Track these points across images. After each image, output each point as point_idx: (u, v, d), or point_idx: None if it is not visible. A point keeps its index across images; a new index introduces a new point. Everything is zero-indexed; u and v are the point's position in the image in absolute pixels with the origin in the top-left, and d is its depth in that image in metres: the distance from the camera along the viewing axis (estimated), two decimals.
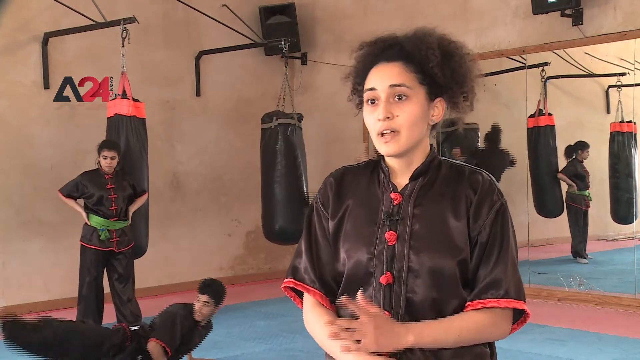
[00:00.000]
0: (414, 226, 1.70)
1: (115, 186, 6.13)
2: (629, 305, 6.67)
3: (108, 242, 6.10)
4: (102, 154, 6.09)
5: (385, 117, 1.69)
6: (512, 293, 1.67)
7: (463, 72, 1.75)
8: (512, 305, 1.67)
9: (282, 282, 1.86)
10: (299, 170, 7.23)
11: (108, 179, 6.13)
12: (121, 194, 6.16)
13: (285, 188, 7.16)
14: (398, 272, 1.68)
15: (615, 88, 7.49)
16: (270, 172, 7.22)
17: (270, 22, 8.51)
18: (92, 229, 6.11)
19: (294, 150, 7.20)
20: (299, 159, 7.24)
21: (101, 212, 6.11)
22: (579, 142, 7.85)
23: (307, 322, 1.80)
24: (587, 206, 7.92)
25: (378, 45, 1.77)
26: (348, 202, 1.79)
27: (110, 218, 6.11)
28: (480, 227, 1.70)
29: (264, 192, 7.36)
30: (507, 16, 7.49)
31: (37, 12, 7.27)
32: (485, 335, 1.69)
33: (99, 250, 6.10)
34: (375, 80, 1.73)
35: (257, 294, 7.90)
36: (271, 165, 7.21)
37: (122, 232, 6.18)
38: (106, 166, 6.09)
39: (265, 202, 7.33)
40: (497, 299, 1.66)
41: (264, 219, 7.37)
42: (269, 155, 7.23)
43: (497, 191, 1.73)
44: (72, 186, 6.18)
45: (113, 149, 6.09)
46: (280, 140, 7.15)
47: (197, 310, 4.76)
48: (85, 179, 6.16)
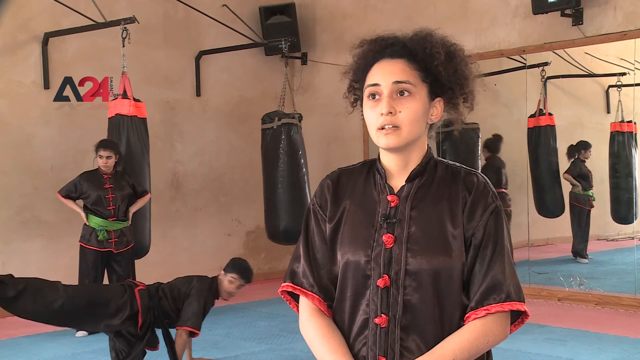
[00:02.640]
0: (411, 229, 1.70)
1: (113, 186, 6.12)
2: (629, 305, 6.67)
3: (106, 242, 6.08)
4: (99, 154, 6.09)
5: (389, 112, 1.69)
6: (513, 295, 1.67)
7: (465, 73, 1.76)
8: (515, 307, 1.67)
9: (282, 282, 1.86)
10: (302, 170, 7.22)
11: (106, 178, 6.12)
12: (119, 193, 6.14)
13: (289, 188, 7.14)
14: (395, 275, 1.68)
15: (616, 88, 7.50)
16: (273, 173, 7.18)
17: (270, 22, 8.51)
18: (90, 229, 6.11)
19: (297, 150, 7.20)
20: (302, 158, 7.24)
21: (99, 212, 6.10)
22: (581, 142, 7.84)
23: (303, 329, 1.78)
24: (591, 206, 7.91)
25: (379, 43, 1.77)
26: (345, 204, 1.78)
27: (109, 218, 6.10)
28: (474, 228, 1.69)
29: (267, 192, 7.33)
30: (507, 16, 7.49)
31: (37, 12, 7.27)
32: (490, 343, 1.68)
33: (97, 250, 6.09)
34: (379, 76, 1.73)
35: (257, 294, 7.90)
36: (274, 165, 7.17)
37: (121, 233, 6.16)
38: (103, 166, 6.08)
39: (269, 203, 7.29)
40: (501, 304, 1.66)
41: (268, 219, 7.32)
42: (272, 156, 7.19)
43: (491, 193, 1.73)
44: (71, 187, 6.18)
45: (109, 149, 6.08)
46: (283, 141, 7.13)
47: (226, 291, 4.77)
48: (84, 179, 6.16)
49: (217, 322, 6.52)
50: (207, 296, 4.71)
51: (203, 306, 4.65)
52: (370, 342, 1.69)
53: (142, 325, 4.46)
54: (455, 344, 1.65)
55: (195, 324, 4.57)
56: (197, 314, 4.60)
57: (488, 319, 1.66)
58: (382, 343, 1.68)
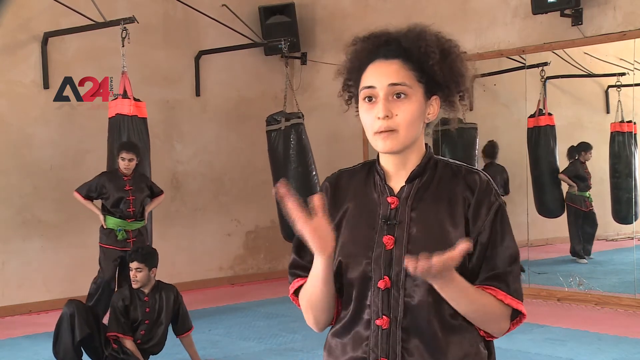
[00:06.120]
0: (411, 230, 1.69)
1: (133, 188, 6.09)
2: (628, 305, 6.67)
3: (125, 242, 6.07)
4: (121, 156, 6.03)
5: (385, 116, 1.67)
6: (513, 291, 1.67)
7: (461, 70, 1.74)
8: (507, 300, 1.66)
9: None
10: (313, 169, 7.20)
11: (127, 180, 6.08)
12: (139, 195, 6.13)
13: (302, 188, 7.09)
14: (396, 277, 1.67)
15: (615, 88, 7.50)
16: (285, 174, 7.11)
17: (270, 22, 8.51)
18: (108, 230, 6.09)
19: (308, 149, 7.18)
20: (311, 158, 7.23)
21: (118, 214, 6.08)
22: (582, 144, 7.83)
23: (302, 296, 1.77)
24: (587, 207, 7.91)
25: (372, 41, 1.74)
26: (345, 206, 1.78)
27: (128, 219, 6.09)
28: (480, 228, 1.68)
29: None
30: (507, 16, 7.49)
31: (37, 12, 7.27)
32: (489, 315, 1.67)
33: (117, 249, 6.08)
34: (374, 78, 1.70)
35: (256, 294, 7.90)
36: (285, 166, 7.11)
37: (139, 233, 6.16)
38: (124, 168, 6.03)
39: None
40: (496, 289, 1.65)
41: (284, 220, 7.28)
42: (282, 157, 7.13)
43: (494, 191, 1.72)
44: (91, 186, 6.11)
45: (131, 151, 6.03)
46: (293, 141, 7.10)
47: (132, 279, 4.90)
48: (106, 179, 6.10)
49: (217, 322, 6.52)
50: (114, 297, 5.06)
51: (112, 308, 4.93)
52: (372, 344, 1.68)
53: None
54: (472, 289, 1.64)
55: (113, 329, 4.88)
56: (110, 318, 4.93)
57: (493, 298, 1.66)
58: (384, 345, 1.67)
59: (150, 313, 4.90)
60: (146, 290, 4.90)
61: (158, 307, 4.92)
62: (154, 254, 5.02)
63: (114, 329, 4.83)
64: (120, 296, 4.93)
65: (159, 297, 4.93)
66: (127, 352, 4.81)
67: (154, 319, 4.91)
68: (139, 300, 4.89)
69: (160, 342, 4.97)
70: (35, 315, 7.05)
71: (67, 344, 4.80)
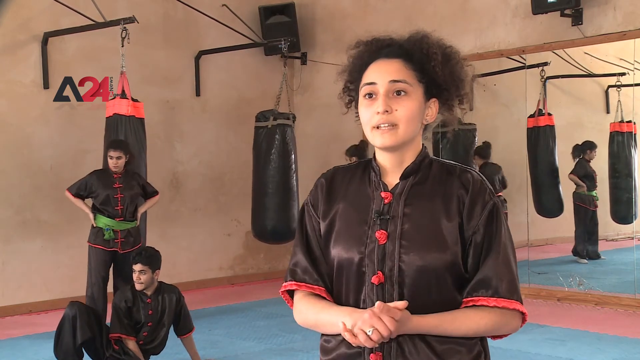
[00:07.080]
0: (404, 225, 1.70)
1: (123, 186, 6.06)
2: (628, 305, 6.68)
3: (112, 242, 6.04)
4: (109, 154, 6.01)
5: (385, 111, 1.70)
6: (503, 292, 1.67)
7: (461, 75, 1.77)
8: (501, 304, 1.66)
9: (282, 282, 1.86)
10: (292, 172, 7.18)
11: (116, 178, 6.05)
12: (128, 193, 6.07)
13: (279, 189, 7.09)
14: (389, 272, 1.68)
15: (615, 88, 7.50)
16: (264, 172, 7.11)
17: (270, 22, 8.51)
18: (97, 229, 6.08)
19: (290, 151, 7.15)
20: (293, 160, 7.19)
21: (107, 212, 6.05)
22: (587, 142, 7.81)
23: (298, 308, 1.81)
24: (595, 206, 7.91)
25: (375, 44, 1.78)
26: (339, 203, 1.79)
27: (116, 218, 6.05)
28: (475, 227, 1.69)
29: (256, 191, 7.23)
30: (507, 16, 7.49)
31: (37, 12, 7.27)
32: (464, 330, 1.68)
33: (104, 250, 6.06)
34: (375, 75, 1.73)
35: (256, 294, 7.90)
36: (265, 165, 7.08)
37: (128, 233, 6.09)
38: (113, 166, 6.01)
39: (257, 202, 7.21)
40: (487, 298, 1.66)
41: (256, 218, 7.24)
42: (264, 155, 7.10)
43: (488, 190, 1.73)
44: (81, 185, 6.09)
45: (119, 149, 6.01)
46: (277, 141, 7.09)
47: (135, 281, 4.88)
48: (94, 177, 6.08)
49: (217, 322, 6.52)
50: (115, 299, 5.02)
51: (114, 309, 4.93)
52: None
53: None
54: (437, 316, 1.67)
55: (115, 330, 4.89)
56: (112, 319, 4.91)
57: (472, 309, 1.67)
58: None
59: (152, 315, 4.89)
60: (149, 292, 4.90)
61: (161, 309, 4.92)
62: (157, 256, 5.01)
63: (116, 331, 4.83)
64: (122, 297, 4.91)
65: (162, 299, 4.93)
66: (129, 352, 4.80)
67: (157, 321, 4.91)
68: (141, 302, 4.89)
69: (162, 343, 4.97)
70: (35, 315, 7.05)
71: (69, 346, 4.80)
